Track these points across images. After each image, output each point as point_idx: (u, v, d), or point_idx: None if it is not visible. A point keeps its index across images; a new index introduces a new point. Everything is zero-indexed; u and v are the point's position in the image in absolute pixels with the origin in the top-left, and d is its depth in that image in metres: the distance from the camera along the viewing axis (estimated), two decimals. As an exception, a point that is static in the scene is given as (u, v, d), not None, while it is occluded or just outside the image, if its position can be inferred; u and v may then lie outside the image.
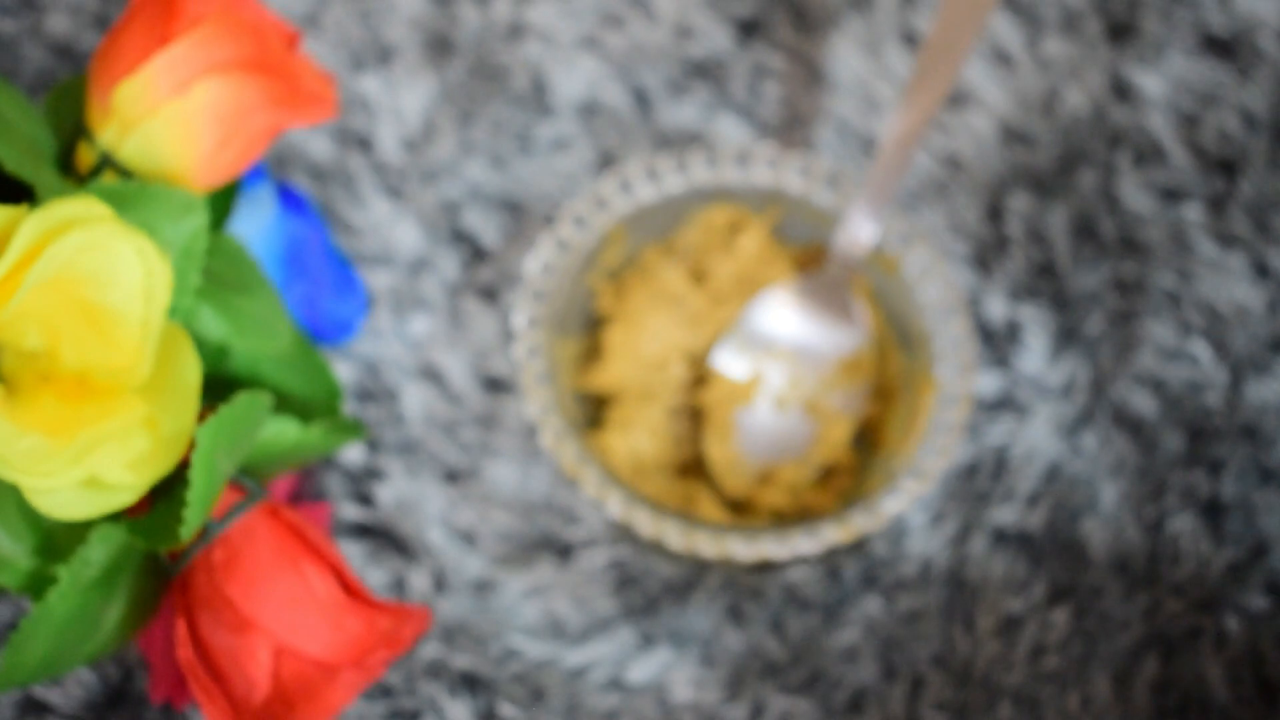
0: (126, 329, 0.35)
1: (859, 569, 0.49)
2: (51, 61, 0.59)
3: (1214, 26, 0.59)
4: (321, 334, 0.51)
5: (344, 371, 0.52)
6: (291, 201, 0.50)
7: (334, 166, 0.56)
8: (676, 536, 0.45)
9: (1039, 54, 0.59)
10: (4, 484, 0.35)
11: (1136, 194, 0.56)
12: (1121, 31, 0.59)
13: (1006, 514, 0.50)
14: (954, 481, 0.51)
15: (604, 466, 0.46)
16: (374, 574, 0.49)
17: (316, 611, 0.37)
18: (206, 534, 0.37)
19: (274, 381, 0.42)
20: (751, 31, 0.60)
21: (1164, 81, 0.58)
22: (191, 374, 0.36)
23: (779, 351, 0.53)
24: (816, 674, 0.48)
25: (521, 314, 0.48)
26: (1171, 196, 0.56)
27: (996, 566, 0.49)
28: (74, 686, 0.47)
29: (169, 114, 0.38)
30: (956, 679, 0.48)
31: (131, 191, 0.37)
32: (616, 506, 0.46)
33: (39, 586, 0.37)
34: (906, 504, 0.46)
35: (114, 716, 0.47)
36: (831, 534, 0.45)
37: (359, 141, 0.57)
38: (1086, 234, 0.55)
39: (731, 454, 0.51)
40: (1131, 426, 0.51)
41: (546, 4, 0.60)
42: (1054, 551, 0.50)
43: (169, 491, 0.37)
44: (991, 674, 0.48)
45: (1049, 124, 0.57)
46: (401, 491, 0.50)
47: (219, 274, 0.39)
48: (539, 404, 0.47)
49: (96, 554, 0.36)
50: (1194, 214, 0.55)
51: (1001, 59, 0.59)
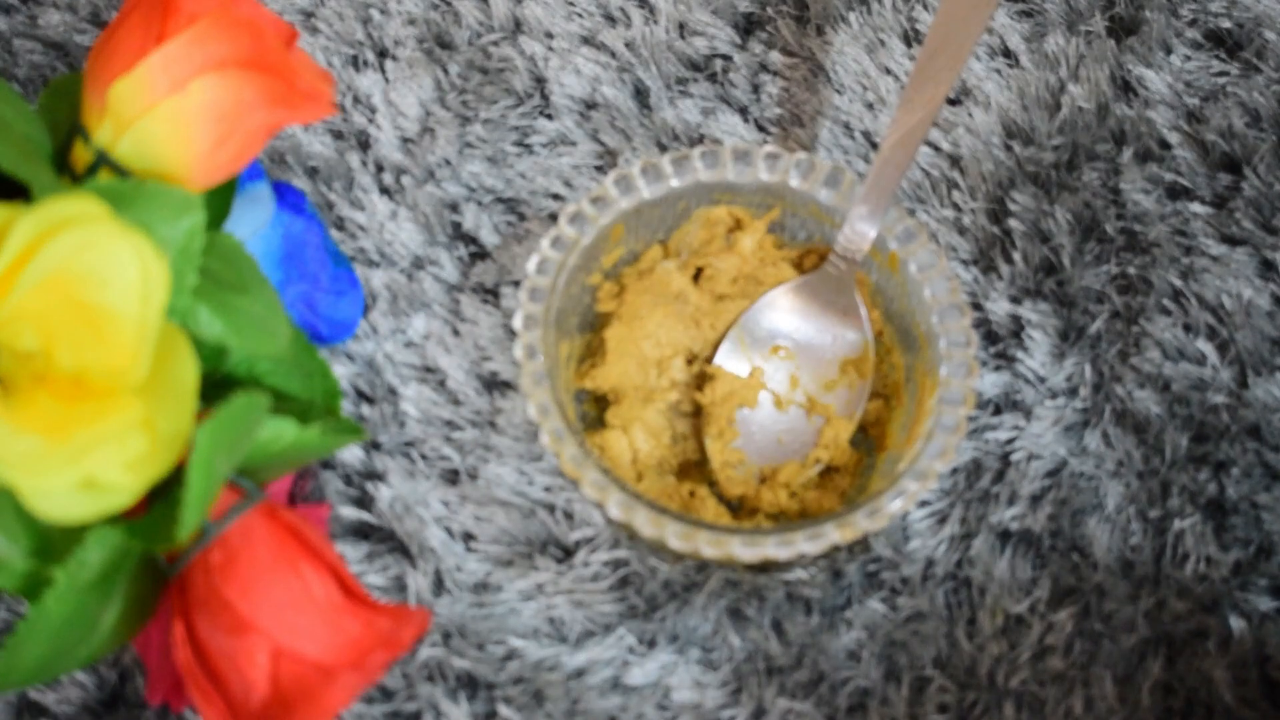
0: (123, 329, 0.35)
1: (861, 570, 0.49)
2: (47, 59, 0.58)
3: (1218, 22, 0.59)
4: (320, 334, 0.51)
5: (343, 371, 0.52)
6: (289, 200, 0.49)
7: (332, 165, 0.56)
8: (677, 537, 0.45)
9: (1042, 51, 0.58)
10: (1, 485, 0.35)
11: (1140, 192, 0.55)
12: (1125, 28, 0.59)
13: (1009, 514, 0.50)
14: (957, 481, 0.51)
15: (604, 466, 0.46)
16: (373, 575, 0.49)
17: (315, 613, 0.37)
18: (204, 535, 0.37)
19: (272, 381, 0.42)
20: (752, 30, 0.60)
21: (1168, 78, 0.57)
22: (189, 374, 0.36)
23: (779, 351, 0.52)
24: (818, 675, 0.48)
25: (521, 314, 0.48)
26: (1176, 194, 0.55)
27: (1000, 567, 0.49)
28: (70, 688, 0.47)
29: (165, 112, 0.38)
30: (959, 680, 0.48)
31: (128, 190, 0.37)
32: (616, 506, 0.46)
33: (35, 588, 0.36)
34: (909, 504, 0.46)
35: (111, 718, 0.47)
36: (833, 534, 0.45)
37: (357, 140, 0.57)
38: (1090, 232, 0.55)
39: (731, 454, 0.51)
40: (1136, 426, 0.51)
41: (546, 1, 0.60)
42: (1058, 552, 0.49)
43: (166, 492, 0.36)
44: (995, 675, 0.48)
45: (1052, 121, 0.57)
46: (401, 491, 0.50)
47: (216, 273, 0.39)
48: (539, 404, 0.47)
49: (93, 555, 0.36)
50: (1198, 212, 0.55)
51: (1004, 56, 0.59)
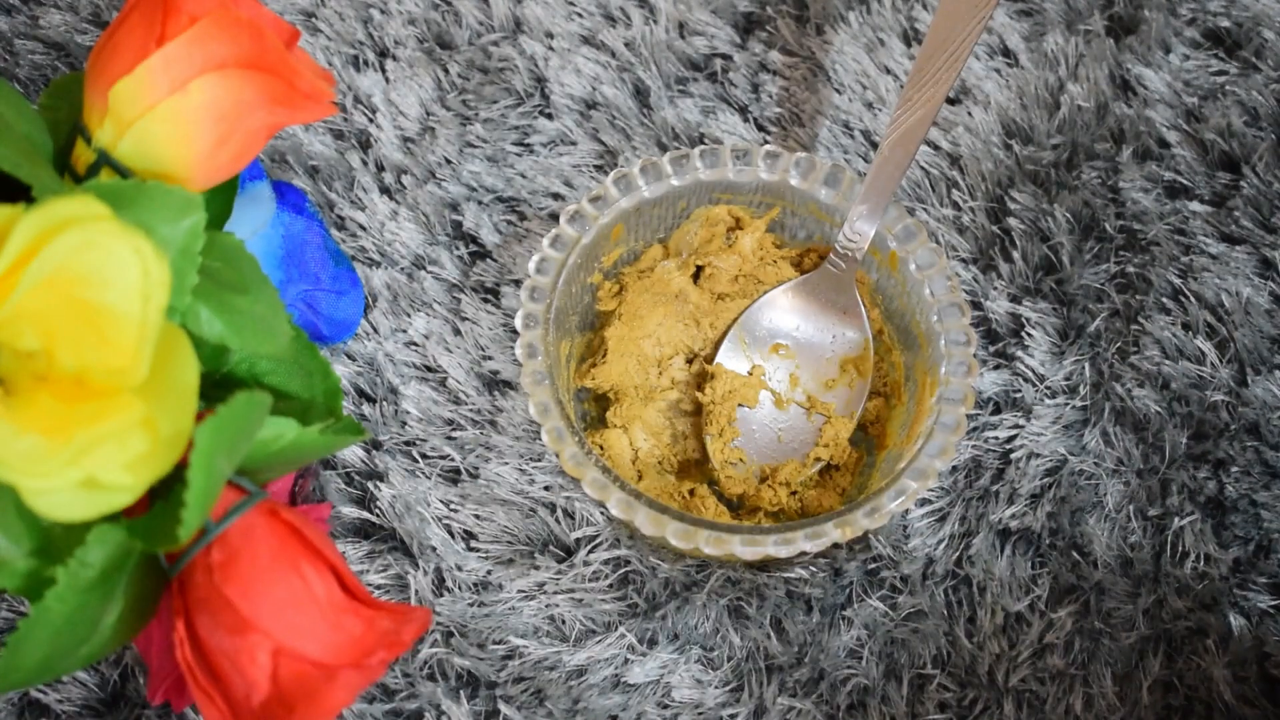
0: (124, 329, 0.35)
1: (861, 568, 0.49)
2: (48, 59, 0.58)
3: (1217, 22, 0.59)
4: (321, 333, 0.51)
5: (344, 371, 0.52)
6: (290, 200, 0.49)
7: (333, 165, 0.56)
8: (678, 536, 0.45)
9: (1041, 50, 0.58)
10: (2, 485, 0.35)
11: (1139, 190, 0.55)
12: (1124, 27, 0.59)
13: (1009, 513, 0.50)
14: (956, 480, 0.51)
15: (604, 465, 0.46)
16: (374, 574, 0.49)
17: (316, 612, 0.37)
18: (205, 534, 0.37)
19: (273, 381, 0.42)
20: (752, 30, 0.60)
21: (1167, 77, 0.58)
22: (190, 374, 0.36)
23: (779, 350, 0.53)
24: (818, 674, 0.48)
25: (522, 313, 0.48)
26: (1175, 193, 0.55)
27: (999, 566, 0.49)
28: (72, 688, 0.47)
29: (166, 112, 0.38)
30: (959, 679, 0.48)
31: (129, 190, 0.37)
32: (617, 505, 0.46)
33: (37, 588, 0.36)
34: (908, 503, 0.46)
35: (112, 718, 0.47)
36: (833, 533, 0.45)
37: (358, 139, 0.57)
38: (1089, 231, 0.55)
39: (732, 453, 0.51)
40: (1135, 424, 0.51)
41: (546, 1, 0.60)
42: (1057, 550, 0.49)
43: (167, 492, 0.36)
44: (995, 674, 0.48)
45: (1051, 120, 0.57)
46: (402, 491, 0.50)
47: (217, 273, 0.39)
48: (539, 403, 0.47)
49: (94, 555, 0.36)
50: (1197, 210, 0.55)
51: (1003, 55, 0.59)
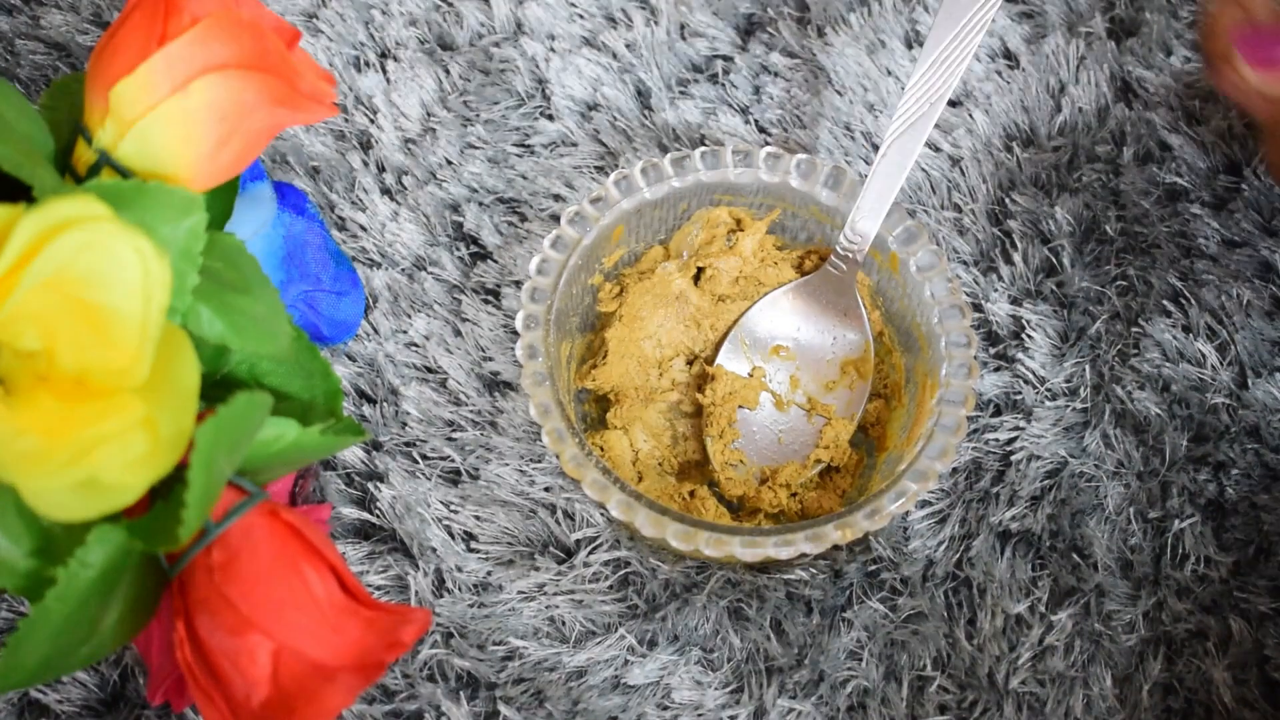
0: (125, 329, 0.35)
1: (861, 570, 0.49)
2: (49, 59, 0.58)
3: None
4: (321, 334, 0.51)
5: (345, 372, 0.52)
6: (291, 200, 0.49)
7: (334, 165, 0.56)
8: (678, 537, 0.45)
9: (1042, 52, 0.58)
10: (2, 485, 0.35)
11: (1140, 193, 0.55)
12: (1125, 29, 0.59)
13: (1009, 515, 0.50)
14: (957, 482, 0.51)
15: (605, 466, 0.46)
16: (374, 574, 0.49)
17: (316, 613, 0.37)
18: (205, 535, 0.37)
19: (273, 382, 0.42)
20: (753, 31, 0.60)
21: (1168, 79, 0.58)
22: (190, 374, 0.36)
23: (780, 352, 0.53)
24: (818, 675, 0.48)
25: (522, 314, 0.48)
26: (1175, 195, 0.55)
27: (1000, 567, 0.49)
28: (72, 688, 0.47)
29: (167, 112, 0.38)
30: (959, 680, 0.48)
31: (130, 190, 0.37)
32: (617, 507, 0.46)
33: (37, 588, 0.36)
34: (908, 505, 0.46)
35: (112, 718, 0.47)
36: (833, 534, 0.45)
37: (359, 140, 0.57)
38: (1090, 233, 0.55)
39: (732, 454, 0.51)
40: (1136, 427, 0.51)
41: (548, 3, 0.60)
42: (1057, 552, 0.49)
43: (168, 492, 0.36)
44: (995, 675, 0.48)
45: (1052, 123, 0.57)
46: (402, 492, 0.50)
47: (218, 274, 0.39)
48: (540, 404, 0.47)
49: (95, 555, 0.36)
50: (1198, 213, 0.55)
51: (1004, 58, 0.59)
